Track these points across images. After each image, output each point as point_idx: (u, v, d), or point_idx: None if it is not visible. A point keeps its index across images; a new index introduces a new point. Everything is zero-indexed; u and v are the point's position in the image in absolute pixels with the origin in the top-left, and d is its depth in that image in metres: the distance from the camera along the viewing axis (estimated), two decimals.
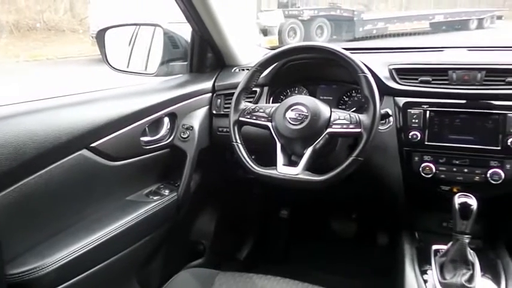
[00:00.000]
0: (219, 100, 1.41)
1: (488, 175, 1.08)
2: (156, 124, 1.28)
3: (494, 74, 1.12)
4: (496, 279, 1.04)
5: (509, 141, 1.07)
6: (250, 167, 1.12)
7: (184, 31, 1.50)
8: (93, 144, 1.04)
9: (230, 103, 1.20)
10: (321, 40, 10.17)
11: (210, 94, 1.42)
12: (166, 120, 1.31)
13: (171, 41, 1.53)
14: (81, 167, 1.02)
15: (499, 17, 12.24)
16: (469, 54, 1.37)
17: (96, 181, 1.09)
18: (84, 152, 1.03)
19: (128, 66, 1.61)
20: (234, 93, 1.20)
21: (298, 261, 1.81)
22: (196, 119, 1.36)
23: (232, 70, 1.50)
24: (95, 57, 7.54)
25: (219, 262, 1.62)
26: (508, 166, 1.07)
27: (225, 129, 1.36)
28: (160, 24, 1.50)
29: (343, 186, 1.12)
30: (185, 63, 1.53)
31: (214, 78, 1.45)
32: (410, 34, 10.72)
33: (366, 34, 10.61)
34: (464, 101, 1.14)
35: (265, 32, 8.87)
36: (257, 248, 1.88)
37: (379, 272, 1.42)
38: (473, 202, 0.98)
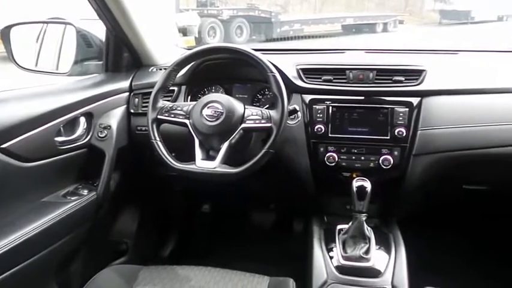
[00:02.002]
0: (136, 99, 1.42)
1: (380, 161, 1.25)
2: (72, 124, 1.26)
3: (384, 73, 1.29)
4: (388, 250, 1.21)
5: (396, 131, 1.24)
6: (170, 163, 1.17)
7: (99, 29, 1.48)
8: (3, 146, 1.01)
9: (148, 102, 1.22)
10: (240, 40, 10.32)
11: (127, 93, 1.43)
12: (82, 120, 1.29)
13: (84, 39, 1.50)
14: None
15: (401, 22, 13.33)
16: (366, 56, 1.55)
17: (8, 183, 1.05)
18: None
19: (36, 65, 1.55)
20: (151, 92, 1.22)
21: (222, 253, 1.88)
22: (114, 118, 1.36)
23: (150, 70, 1.52)
24: None
25: (143, 260, 1.63)
26: (395, 153, 1.25)
27: (143, 128, 1.38)
28: (72, 22, 1.47)
29: (260, 178, 1.21)
30: (100, 62, 1.51)
31: (131, 78, 1.46)
32: (324, 36, 11.30)
33: (283, 35, 10.96)
34: (360, 97, 1.29)
35: (184, 32, 8.77)
36: (181, 244, 1.91)
37: (296, 256, 1.55)
38: (367, 185, 1.13)
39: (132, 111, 1.42)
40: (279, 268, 1.66)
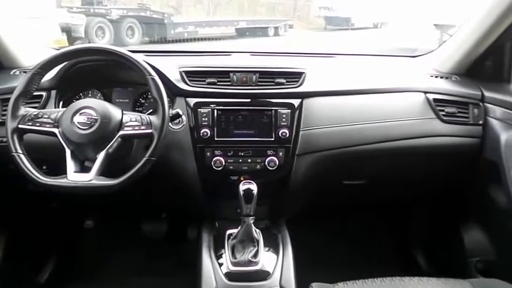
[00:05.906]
0: None
1: (266, 163, 1.27)
2: None
3: (266, 76, 1.31)
4: (276, 250, 1.23)
5: (279, 132, 1.26)
6: (35, 177, 1.04)
7: None
8: None
9: None
10: (132, 41, 9.88)
11: None
12: None
13: None
14: None
15: (291, 26, 14.08)
16: (250, 59, 1.57)
17: None
18: None
19: None
20: None
21: (113, 271, 1.74)
22: None
23: (12, 72, 1.36)
24: None
25: None
26: (280, 154, 1.28)
27: (4, 139, 1.20)
28: None
29: (146, 186, 1.14)
30: None
31: None
32: (218, 38, 11.40)
33: (177, 37, 10.77)
34: (244, 100, 1.29)
35: (69, 31, 8.08)
36: (62, 266, 1.72)
37: (191, 265, 1.49)
38: (254, 187, 1.13)
39: None
40: (175, 279, 1.60)
